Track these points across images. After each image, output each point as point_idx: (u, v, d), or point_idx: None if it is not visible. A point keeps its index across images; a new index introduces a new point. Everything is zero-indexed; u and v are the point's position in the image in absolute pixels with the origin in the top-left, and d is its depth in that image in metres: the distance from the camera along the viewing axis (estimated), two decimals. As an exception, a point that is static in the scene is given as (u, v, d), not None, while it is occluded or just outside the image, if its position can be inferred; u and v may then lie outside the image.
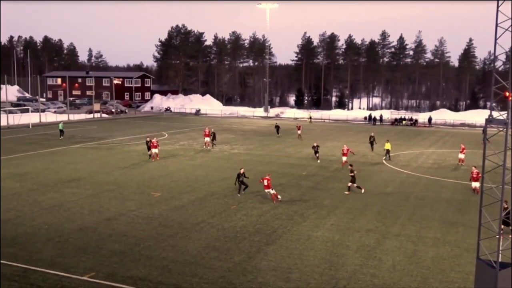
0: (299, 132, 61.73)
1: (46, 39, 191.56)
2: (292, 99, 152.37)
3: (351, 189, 32.15)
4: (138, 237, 22.51)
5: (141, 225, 24.33)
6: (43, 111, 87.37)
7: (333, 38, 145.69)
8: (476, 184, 31.46)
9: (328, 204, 29.08)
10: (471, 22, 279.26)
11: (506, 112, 14.14)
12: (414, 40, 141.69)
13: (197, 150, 49.88)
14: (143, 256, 20.13)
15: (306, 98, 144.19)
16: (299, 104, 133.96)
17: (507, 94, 14.07)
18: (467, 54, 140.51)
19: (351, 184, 32.20)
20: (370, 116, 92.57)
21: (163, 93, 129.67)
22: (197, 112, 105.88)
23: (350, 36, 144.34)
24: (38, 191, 31.03)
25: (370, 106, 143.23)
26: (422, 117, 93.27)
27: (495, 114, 15.20)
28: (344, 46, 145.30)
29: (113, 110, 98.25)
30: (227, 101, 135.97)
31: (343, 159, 42.04)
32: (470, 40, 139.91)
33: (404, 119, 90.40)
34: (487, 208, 15.17)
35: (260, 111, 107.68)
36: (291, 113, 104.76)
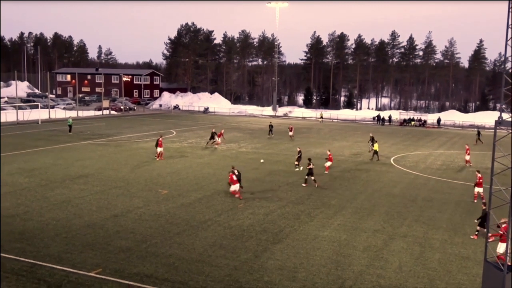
0: (291, 133, 60.28)
1: (56, 36, 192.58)
2: (300, 98, 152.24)
3: (308, 181, 33.68)
4: (145, 234, 22.58)
5: (148, 222, 24.41)
6: (53, 107, 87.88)
7: (342, 37, 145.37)
8: (480, 190, 30.22)
9: (335, 204, 29.04)
10: (482, 23, 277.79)
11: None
12: (424, 41, 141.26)
13: (205, 148, 49.92)
14: (150, 253, 20.20)
15: (315, 97, 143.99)
16: (308, 104, 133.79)
17: None
18: (477, 55, 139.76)
19: (308, 177, 33.64)
20: (378, 116, 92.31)
21: (172, 91, 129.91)
22: (206, 110, 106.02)
23: (359, 36, 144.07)
24: (47, 187, 31.20)
25: (379, 106, 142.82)
26: (431, 118, 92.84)
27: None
28: (353, 46, 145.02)
29: (122, 107, 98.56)
30: (235, 99, 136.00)
31: (327, 164, 39.07)
32: (481, 41, 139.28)
33: (412, 119, 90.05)
34: (495, 210, 15.09)
35: (268, 110, 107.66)
36: (299, 112, 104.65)
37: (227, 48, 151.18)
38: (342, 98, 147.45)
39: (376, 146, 45.93)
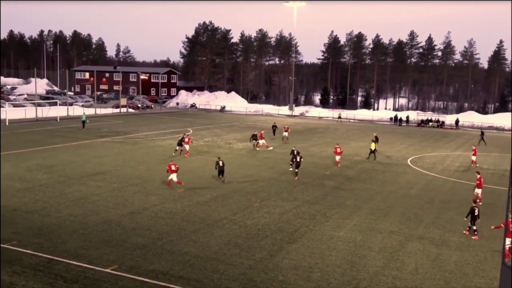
0: (286, 134, 56.46)
1: (76, 34, 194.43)
2: (317, 98, 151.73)
3: (295, 173, 36.01)
4: (161, 232, 22.72)
5: (164, 220, 24.56)
6: (71, 104, 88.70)
7: (360, 37, 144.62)
8: (479, 191, 29.89)
9: (351, 205, 28.93)
10: (502, 24, 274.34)
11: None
12: (443, 41, 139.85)
13: (221, 147, 50.06)
14: (166, 251, 20.31)
15: (332, 97, 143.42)
16: (324, 103, 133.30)
17: None
18: (497, 56, 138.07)
19: (295, 169, 36.07)
20: (396, 117, 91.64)
21: (189, 89, 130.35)
22: (222, 109, 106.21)
23: (377, 36, 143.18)
24: (65, 183, 31.54)
25: (396, 106, 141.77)
26: (449, 119, 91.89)
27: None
28: (371, 46, 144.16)
29: (139, 105, 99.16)
30: (252, 98, 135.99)
31: (337, 158, 41.42)
32: (501, 42, 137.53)
33: (430, 120, 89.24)
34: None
35: (285, 110, 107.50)
36: (316, 112, 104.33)
37: (244, 47, 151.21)
38: (359, 98, 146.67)
39: (373, 146, 45.64)
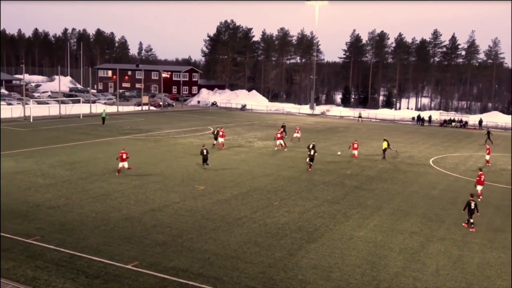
0: (298, 135, 54.97)
1: (99, 32, 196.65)
2: (338, 97, 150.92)
3: (309, 166, 38.21)
4: (181, 229, 22.85)
5: (184, 217, 24.69)
6: (94, 102, 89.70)
7: (382, 36, 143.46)
8: (479, 188, 30.51)
9: (372, 205, 28.74)
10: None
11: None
12: (467, 40, 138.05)
13: (241, 145, 50.15)
14: (186, 248, 20.42)
15: (353, 96, 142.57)
16: (346, 103, 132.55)
17: None
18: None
19: (309, 161, 38.31)
20: (418, 116, 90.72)
21: (210, 87, 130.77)
22: (243, 108, 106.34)
23: (400, 35, 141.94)
24: (87, 180, 31.91)
25: (419, 106, 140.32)
26: (473, 119, 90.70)
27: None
28: (393, 45, 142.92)
29: (161, 103, 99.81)
30: (273, 97, 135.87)
31: (355, 152, 44.32)
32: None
33: (453, 120, 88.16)
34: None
35: (305, 108, 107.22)
36: (337, 111, 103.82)
37: (266, 46, 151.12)
38: (381, 98, 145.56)
39: (385, 144, 45.59)
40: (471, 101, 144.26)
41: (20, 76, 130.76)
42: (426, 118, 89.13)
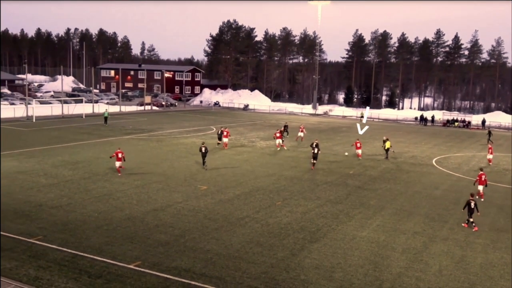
0: (302, 135, 55.25)
1: (101, 32, 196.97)
2: (341, 97, 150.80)
3: (313, 164, 38.76)
4: (184, 229, 22.84)
5: (187, 217, 24.68)
6: (96, 102, 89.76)
7: (385, 36, 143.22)
8: (480, 188, 30.64)
9: (375, 205, 28.69)
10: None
11: None
12: (470, 40, 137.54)
13: (244, 145, 50.13)
14: (188, 248, 20.41)
15: (356, 96, 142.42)
16: (348, 102, 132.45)
17: None
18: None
19: (313, 160, 38.81)
20: (421, 116, 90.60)
21: (213, 87, 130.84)
22: (246, 107, 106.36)
23: (403, 34, 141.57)
24: (89, 180, 31.93)
25: (422, 106, 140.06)
26: (476, 119, 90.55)
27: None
28: (396, 45, 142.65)
29: (163, 103, 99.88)
30: (275, 97, 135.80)
31: (358, 152, 44.56)
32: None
33: (456, 120, 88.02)
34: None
35: (308, 108, 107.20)
36: (340, 111, 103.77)
37: (268, 46, 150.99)
38: (384, 97, 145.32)
39: (388, 144, 45.51)
40: (474, 101, 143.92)
41: (22, 76, 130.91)
42: (429, 118, 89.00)
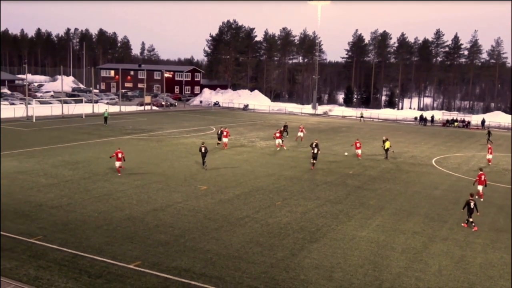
0: (301, 135, 55.33)
1: (101, 32, 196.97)
2: (341, 97, 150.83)
3: (313, 164, 38.96)
4: (184, 229, 22.86)
5: (186, 217, 24.70)
6: (96, 102, 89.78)
7: (385, 36, 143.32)
8: (480, 188, 30.90)
9: (374, 205, 28.72)
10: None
11: None
12: (470, 40, 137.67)
13: (243, 145, 50.15)
14: (188, 248, 20.44)
15: (355, 96, 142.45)
16: (348, 102, 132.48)
17: None
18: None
19: (313, 160, 38.91)
20: (421, 116, 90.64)
21: (213, 87, 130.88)
22: (245, 107, 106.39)
23: (402, 34, 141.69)
24: (89, 180, 31.95)
25: (421, 106, 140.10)
26: (475, 119, 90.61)
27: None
28: (396, 45, 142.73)
29: (163, 103, 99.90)
30: (275, 97, 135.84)
31: (358, 151, 44.72)
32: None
33: (456, 120, 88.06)
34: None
35: (308, 108, 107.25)
36: (339, 111, 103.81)
37: (268, 46, 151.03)
38: (384, 97, 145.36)
39: (387, 144, 45.59)
40: (474, 101, 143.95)
41: (22, 76, 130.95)
42: (429, 118, 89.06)
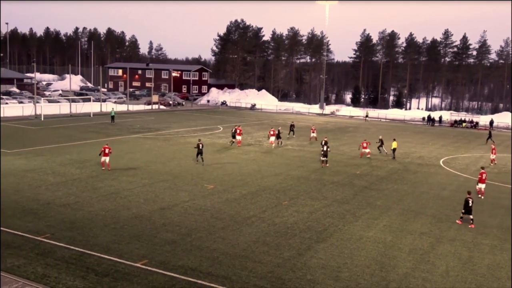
0: (314, 135, 55.60)
1: (109, 31, 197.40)
2: (348, 97, 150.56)
3: (323, 162, 39.95)
4: (191, 228, 22.90)
5: (193, 216, 24.74)
6: (104, 101, 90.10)
7: (393, 36, 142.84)
8: (482, 186, 31.36)
9: (381, 205, 28.64)
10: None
11: None
12: (478, 40, 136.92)
13: (250, 144, 50.16)
14: (195, 247, 20.46)
15: (363, 96, 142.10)
16: (356, 102, 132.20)
17: None
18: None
19: (323, 158, 39.87)
20: (428, 117, 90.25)
21: (220, 87, 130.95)
22: (253, 107, 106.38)
23: (411, 34, 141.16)
24: (97, 178, 32.06)
25: (429, 106, 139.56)
26: (483, 119, 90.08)
27: None
28: (404, 45, 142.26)
29: (171, 102, 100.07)
30: (282, 96, 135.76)
31: (366, 151, 45.26)
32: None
33: (464, 121, 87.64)
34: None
35: (315, 108, 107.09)
36: (347, 111, 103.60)
37: (276, 45, 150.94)
38: (391, 98, 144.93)
39: (394, 144, 45.67)
40: (482, 101, 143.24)
41: (31, 75, 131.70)
42: (437, 119, 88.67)
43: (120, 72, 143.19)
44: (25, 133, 52.03)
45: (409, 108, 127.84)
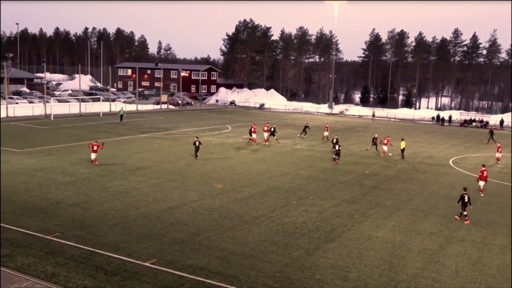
0: (327, 134, 56.03)
1: (119, 31, 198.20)
2: (357, 96, 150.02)
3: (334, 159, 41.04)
4: (199, 227, 22.94)
5: (202, 216, 24.78)
6: (113, 100, 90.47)
7: (402, 35, 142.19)
8: (481, 183, 31.64)
9: (391, 205, 28.54)
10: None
11: None
12: (488, 39, 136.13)
13: (259, 144, 50.16)
14: (203, 246, 20.50)
15: (372, 95, 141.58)
16: (365, 102, 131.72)
17: None
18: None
19: (335, 156, 41.03)
20: (438, 116, 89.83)
21: (229, 86, 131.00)
22: (261, 106, 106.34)
23: (420, 34, 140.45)
24: (106, 178, 32.20)
25: (439, 106, 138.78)
26: (494, 119, 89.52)
27: None
28: (413, 44, 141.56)
29: (180, 102, 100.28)
30: (291, 96, 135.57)
31: (384, 148, 46.43)
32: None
33: (474, 120, 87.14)
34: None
35: (324, 108, 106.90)
36: (356, 110, 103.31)
37: (284, 45, 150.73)
38: (401, 97, 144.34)
39: (403, 144, 45.45)
40: (492, 101, 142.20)
41: (41, 75, 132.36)
42: (446, 118, 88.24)
43: (129, 72, 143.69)
44: (35, 133, 52.36)
45: (419, 108, 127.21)
